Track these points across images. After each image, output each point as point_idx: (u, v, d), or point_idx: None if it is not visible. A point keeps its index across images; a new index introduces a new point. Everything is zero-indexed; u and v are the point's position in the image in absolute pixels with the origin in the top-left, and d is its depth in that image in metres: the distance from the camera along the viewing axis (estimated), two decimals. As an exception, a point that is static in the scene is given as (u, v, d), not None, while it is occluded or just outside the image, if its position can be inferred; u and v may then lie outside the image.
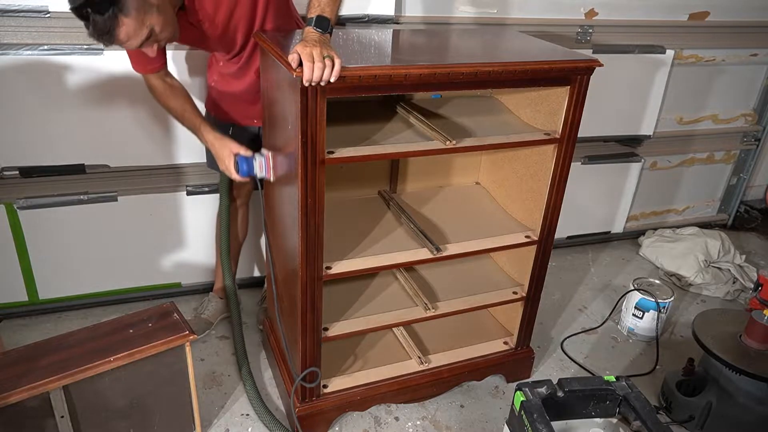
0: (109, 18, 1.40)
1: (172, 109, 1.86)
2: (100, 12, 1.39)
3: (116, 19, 1.42)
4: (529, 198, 1.93)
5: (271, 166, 1.76)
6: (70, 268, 2.25)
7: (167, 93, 1.83)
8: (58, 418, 1.52)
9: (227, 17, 1.69)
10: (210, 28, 1.70)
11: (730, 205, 3.37)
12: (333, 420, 1.90)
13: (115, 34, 1.44)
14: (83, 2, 1.37)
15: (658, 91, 2.78)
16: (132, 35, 1.47)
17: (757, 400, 1.84)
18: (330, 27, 1.44)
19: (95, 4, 1.38)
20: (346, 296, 1.90)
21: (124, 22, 1.44)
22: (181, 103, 1.83)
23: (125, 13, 1.42)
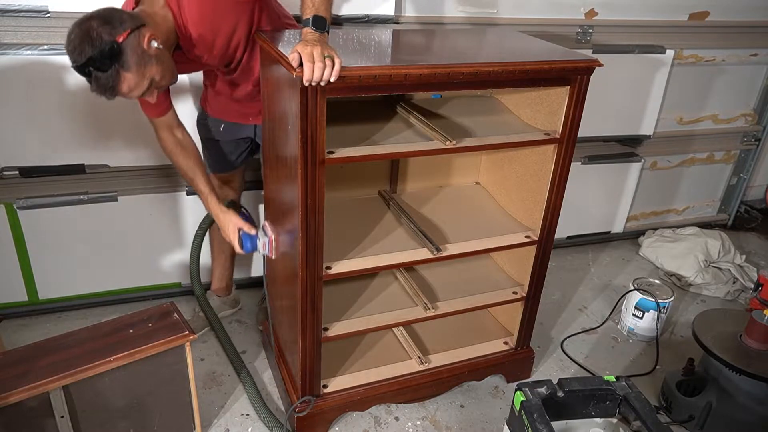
0: (111, 75, 1.46)
1: (181, 169, 1.88)
2: (103, 69, 1.45)
3: (118, 75, 1.47)
4: (529, 198, 1.93)
5: (273, 246, 1.82)
6: (70, 268, 2.25)
7: (177, 151, 1.84)
8: (58, 418, 1.52)
9: (226, 42, 1.70)
10: (209, 58, 1.73)
11: (730, 205, 3.37)
12: (333, 420, 1.90)
13: (117, 88, 1.50)
14: (85, 61, 1.43)
15: (658, 91, 2.78)
16: (133, 88, 1.52)
17: (757, 400, 1.84)
18: (327, 26, 1.45)
19: (97, 63, 1.43)
20: (346, 296, 1.90)
21: (126, 77, 1.49)
22: (191, 165, 1.86)
23: (126, 69, 1.47)
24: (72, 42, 1.44)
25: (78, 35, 1.43)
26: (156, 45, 1.51)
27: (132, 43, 1.47)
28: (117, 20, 1.45)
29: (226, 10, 1.62)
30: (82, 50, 1.42)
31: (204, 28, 1.63)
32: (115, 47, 1.43)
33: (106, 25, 1.43)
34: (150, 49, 1.51)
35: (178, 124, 1.84)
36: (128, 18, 1.48)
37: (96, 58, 1.42)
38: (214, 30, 1.65)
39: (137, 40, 1.48)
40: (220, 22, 1.64)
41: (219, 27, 1.64)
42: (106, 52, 1.43)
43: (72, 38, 1.44)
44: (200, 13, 1.60)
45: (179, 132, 1.84)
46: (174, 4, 1.57)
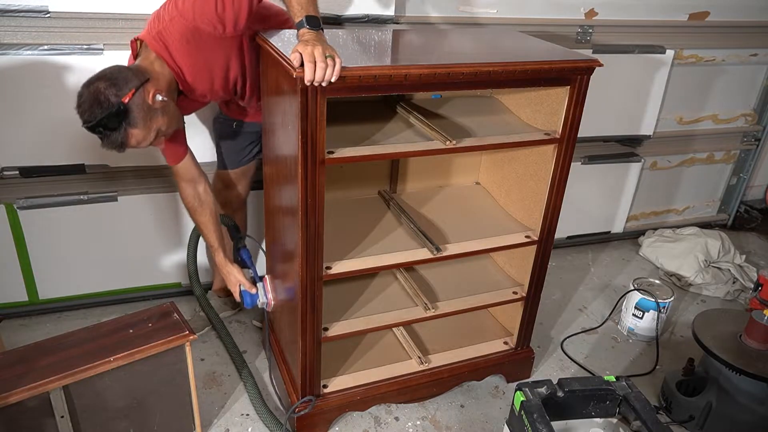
0: (119, 133, 1.54)
1: (196, 223, 1.97)
2: (112, 129, 1.53)
3: (126, 132, 1.56)
4: (529, 198, 1.93)
5: (272, 305, 1.95)
6: (70, 268, 2.25)
7: (196, 205, 1.92)
8: (58, 418, 1.52)
9: (224, 78, 1.74)
10: (213, 95, 1.79)
11: (730, 205, 3.37)
12: (333, 420, 1.90)
13: (126, 144, 1.58)
14: (95, 123, 1.51)
15: (658, 91, 2.78)
16: (141, 140, 1.61)
17: (757, 400, 1.84)
18: (320, 24, 1.46)
19: (106, 124, 1.52)
20: (346, 296, 1.90)
21: (133, 133, 1.57)
22: (206, 222, 1.94)
23: (133, 126, 1.56)
24: (82, 105, 1.52)
25: (87, 98, 1.51)
26: (160, 98, 1.58)
27: (137, 102, 1.54)
28: (122, 81, 1.53)
29: (212, 49, 1.65)
30: (92, 113, 1.50)
31: (198, 71, 1.68)
32: (122, 108, 1.51)
33: (112, 87, 1.51)
34: (155, 104, 1.58)
35: (200, 176, 1.91)
36: (132, 76, 1.55)
37: (105, 119, 1.50)
38: (209, 70, 1.69)
39: (142, 97, 1.55)
40: (212, 62, 1.68)
41: (212, 66, 1.69)
42: (113, 113, 1.50)
43: (82, 101, 1.52)
44: (190, 57, 1.64)
45: (201, 186, 1.91)
46: (166, 55, 1.62)
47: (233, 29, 1.60)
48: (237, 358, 2.12)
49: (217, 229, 1.95)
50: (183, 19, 1.58)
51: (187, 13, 1.57)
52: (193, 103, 1.85)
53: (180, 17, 1.58)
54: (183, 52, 1.62)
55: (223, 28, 1.59)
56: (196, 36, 1.60)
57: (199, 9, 1.56)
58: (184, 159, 1.86)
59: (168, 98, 1.63)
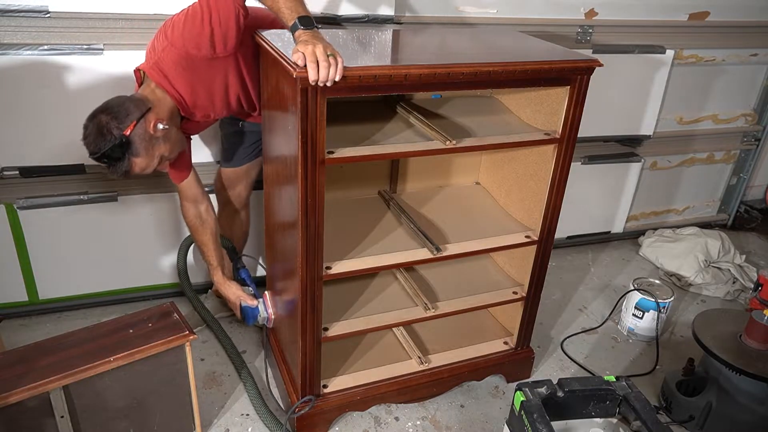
0: (123, 162, 1.63)
1: (197, 242, 2.03)
2: (117, 159, 1.62)
3: (130, 161, 1.64)
4: (529, 198, 1.93)
5: (272, 320, 1.98)
6: (70, 268, 2.25)
7: (197, 224, 1.98)
8: (58, 418, 1.52)
9: (224, 97, 1.77)
10: (216, 114, 1.84)
11: (730, 205, 3.37)
12: (333, 420, 1.90)
13: (130, 172, 1.66)
14: (100, 156, 1.60)
15: (658, 91, 2.78)
16: (145, 167, 1.68)
17: (757, 400, 1.84)
18: (314, 22, 1.47)
19: (110, 155, 1.60)
20: (346, 296, 1.90)
21: (136, 162, 1.65)
22: (206, 241, 2.00)
23: (136, 155, 1.64)
24: (88, 136, 1.60)
25: (92, 131, 1.59)
26: (162, 126, 1.64)
27: (139, 133, 1.61)
28: (123, 113, 1.59)
29: (208, 71, 1.68)
30: (97, 145, 1.59)
31: (198, 94, 1.72)
32: (124, 140, 1.59)
33: (114, 120, 1.58)
34: (156, 132, 1.64)
35: (203, 197, 1.96)
36: (133, 108, 1.61)
37: (109, 150, 1.59)
38: (208, 91, 1.73)
39: (143, 128, 1.62)
40: (210, 83, 1.71)
41: (210, 88, 1.73)
42: (116, 145, 1.59)
43: (88, 132, 1.61)
44: (188, 83, 1.69)
45: (203, 207, 1.97)
46: (165, 83, 1.67)
47: (224, 49, 1.63)
48: (235, 357, 2.12)
49: (216, 248, 2.01)
50: (174, 48, 1.63)
51: (177, 41, 1.62)
52: (198, 125, 1.89)
53: (171, 46, 1.63)
54: (180, 79, 1.67)
55: (213, 50, 1.62)
56: (189, 61, 1.64)
57: (188, 35, 1.60)
58: (188, 179, 1.91)
59: (170, 125, 1.68)
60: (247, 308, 1.96)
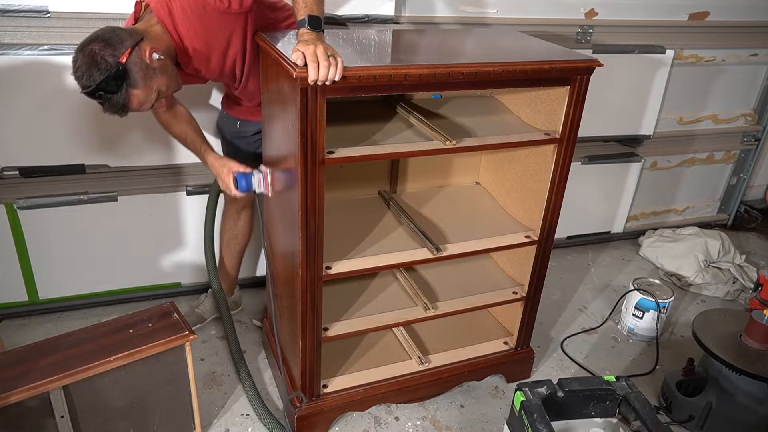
0: (121, 95, 1.51)
1: (175, 135, 1.92)
2: (112, 91, 1.50)
3: (127, 93, 1.52)
4: (529, 198, 1.93)
5: (269, 182, 1.80)
6: (70, 268, 2.25)
7: (170, 120, 1.89)
8: (58, 418, 1.52)
9: (221, 57, 1.72)
10: (207, 72, 1.76)
11: (730, 205, 3.37)
12: (333, 420, 1.90)
13: (128, 106, 1.55)
14: (95, 87, 1.47)
15: (658, 91, 2.78)
16: (143, 101, 1.58)
17: (757, 400, 1.84)
18: (322, 25, 1.46)
19: (107, 86, 1.48)
20: (346, 296, 1.90)
21: (135, 94, 1.54)
22: (184, 128, 1.89)
23: (134, 86, 1.52)
24: (79, 69, 1.48)
25: (83, 61, 1.47)
26: (157, 57, 1.55)
27: (135, 60, 1.51)
28: (117, 40, 1.49)
29: (216, 23, 1.64)
30: (90, 76, 1.47)
31: (198, 43, 1.66)
32: (120, 68, 1.48)
33: (108, 48, 1.47)
34: (153, 62, 1.55)
35: (174, 102, 1.87)
36: (126, 35, 1.52)
37: (105, 81, 1.47)
38: (209, 44, 1.67)
39: (139, 56, 1.52)
40: (213, 37, 1.66)
41: (212, 41, 1.67)
42: (112, 74, 1.47)
43: (78, 65, 1.48)
44: (193, 29, 1.63)
45: (175, 106, 1.88)
46: (168, 22, 1.60)
47: (239, 5, 1.59)
48: (238, 358, 2.11)
49: (197, 132, 1.90)
50: None
51: None
52: (186, 77, 1.79)
53: None
54: (186, 23, 1.60)
55: (228, 3, 1.58)
56: (200, 7, 1.58)
57: None
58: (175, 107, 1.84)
59: (166, 57, 1.59)
60: (241, 175, 1.80)
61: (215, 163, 1.87)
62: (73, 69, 1.49)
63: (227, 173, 1.82)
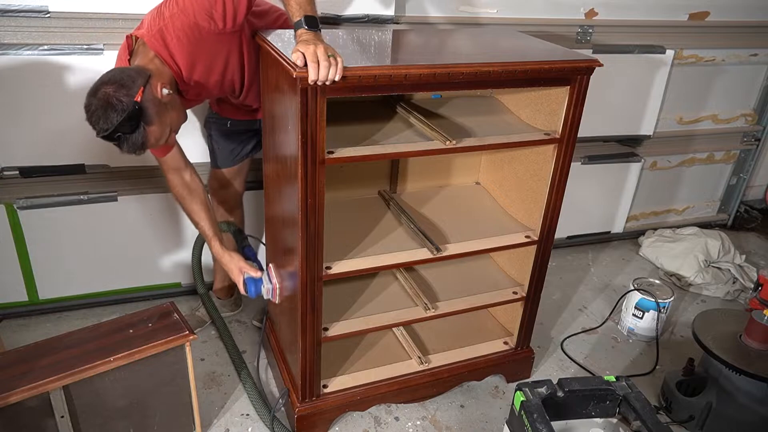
0: (138, 134, 1.51)
1: (188, 213, 1.91)
2: (130, 132, 1.50)
3: (144, 132, 1.52)
4: (529, 198, 1.93)
5: (278, 293, 1.84)
6: (70, 268, 2.25)
7: (185, 194, 1.86)
8: (58, 418, 1.52)
9: (220, 77, 1.72)
10: (207, 94, 1.78)
11: (730, 205, 3.37)
12: (333, 420, 1.90)
13: (146, 143, 1.55)
14: (114, 129, 1.47)
15: (658, 91, 2.78)
16: (159, 137, 1.59)
17: (757, 400, 1.84)
18: (318, 24, 1.46)
19: (125, 127, 1.48)
20: (346, 296, 1.90)
21: (151, 131, 1.54)
22: (197, 210, 1.88)
23: (150, 123, 1.53)
24: (94, 113, 1.47)
25: (98, 105, 1.46)
26: (167, 92, 1.56)
27: (149, 98, 1.51)
28: (128, 80, 1.49)
29: (212, 45, 1.64)
30: (108, 119, 1.46)
31: (197, 68, 1.66)
32: (136, 108, 1.47)
33: (121, 89, 1.46)
34: (164, 98, 1.55)
35: (186, 165, 1.86)
36: (136, 75, 1.51)
37: (123, 123, 1.46)
38: (207, 67, 1.68)
39: (151, 93, 1.52)
40: (210, 59, 1.66)
41: (211, 64, 1.67)
42: (129, 114, 1.46)
43: (93, 110, 1.47)
44: (189, 56, 1.62)
45: (187, 174, 1.87)
46: (165, 54, 1.60)
47: (232, 24, 1.59)
48: (236, 358, 2.12)
49: (209, 217, 1.89)
50: (184, 16, 1.56)
51: (188, 9, 1.55)
52: (187, 103, 1.81)
53: (181, 14, 1.56)
54: (183, 51, 1.61)
55: (223, 24, 1.58)
56: (195, 33, 1.58)
57: (199, 5, 1.55)
58: (173, 150, 1.82)
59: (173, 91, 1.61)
60: (251, 279, 1.84)
61: (224, 256, 1.88)
62: (87, 115, 1.48)
63: (238, 273, 1.85)
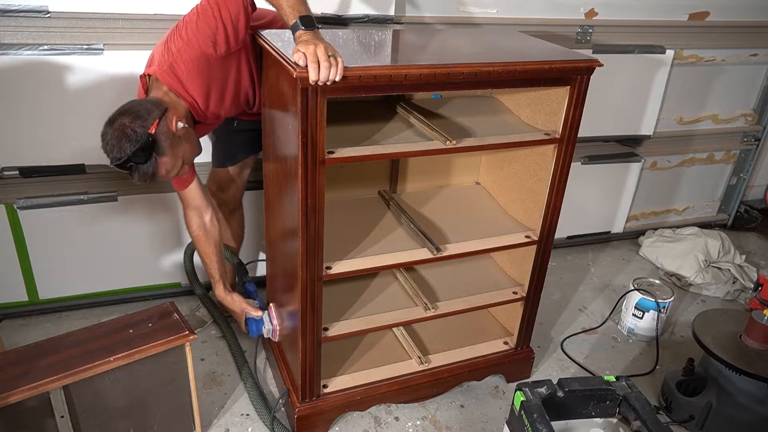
0: (150, 164, 1.56)
1: (200, 253, 1.96)
2: (142, 162, 1.54)
3: (156, 162, 1.57)
4: (529, 198, 1.93)
5: (278, 333, 1.92)
6: (70, 268, 2.25)
7: (200, 235, 1.91)
8: (58, 418, 1.52)
9: (235, 94, 1.75)
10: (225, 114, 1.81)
11: (730, 205, 3.37)
12: (333, 420, 1.90)
13: (157, 174, 1.59)
14: (126, 159, 1.52)
15: (658, 91, 2.78)
16: (171, 169, 1.62)
17: (757, 400, 1.84)
18: (315, 23, 1.46)
19: (137, 157, 1.52)
20: (346, 296, 1.90)
21: (163, 162, 1.58)
22: (210, 252, 1.93)
23: (162, 154, 1.57)
24: (109, 143, 1.52)
25: (113, 135, 1.51)
26: (182, 125, 1.60)
27: (162, 130, 1.55)
28: (145, 112, 1.53)
29: (222, 69, 1.66)
30: (121, 148, 1.51)
31: (211, 95, 1.69)
32: (150, 139, 1.52)
33: (137, 120, 1.51)
34: (178, 131, 1.59)
35: (207, 206, 1.90)
36: (153, 107, 1.56)
37: (136, 153, 1.51)
38: (221, 91, 1.70)
39: (166, 126, 1.57)
40: (223, 82, 1.69)
41: (223, 86, 1.70)
42: (143, 145, 1.51)
43: (108, 139, 1.52)
44: (203, 85, 1.65)
45: (207, 217, 1.90)
46: (178, 87, 1.63)
47: (236, 43, 1.62)
48: (238, 355, 2.11)
49: (220, 260, 1.95)
50: (190, 48, 1.59)
51: (193, 40, 1.59)
52: (206, 127, 1.86)
53: (187, 46, 1.59)
54: (196, 81, 1.64)
55: (227, 47, 1.60)
56: (204, 62, 1.62)
57: (202, 33, 1.58)
58: (191, 184, 1.85)
59: (188, 124, 1.65)
60: (252, 320, 1.93)
61: (226, 297, 1.96)
62: (102, 143, 1.53)
63: (240, 314, 1.95)
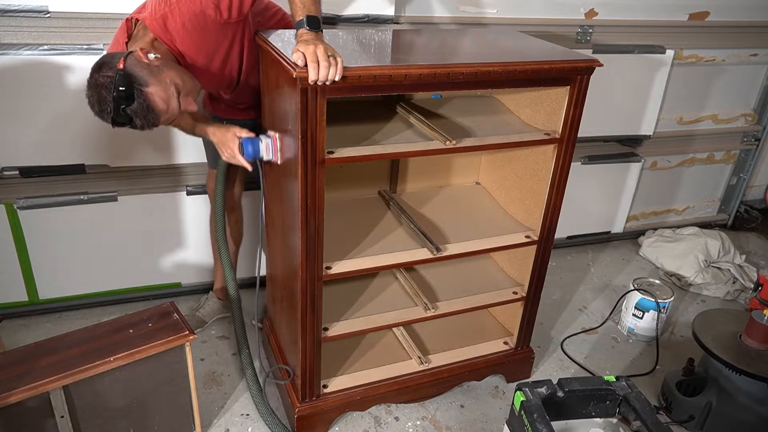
0: (140, 100, 1.48)
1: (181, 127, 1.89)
2: (131, 100, 1.47)
3: (145, 95, 1.48)
4: (529, 198, 1.93)
5: (278, 147, 1.67)
6: (70, 268, 2.25)
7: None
8: (58, 418, 1.52)
9: (221, 66, 1.72)
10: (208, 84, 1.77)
11: (730, 205, 3.37)
12: (333, 420, 1.90)
13: (155, 108, 1.50)
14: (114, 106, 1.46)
15: (658, 91, 2.78)
16: (166, 98, 1.52)
17: (757, 400, 1.84)
18: (320, 25, 1.46)
19: (123, 99, 1.46)
20: (346, 296, 1.90)
21: (152, 92, 1.49)
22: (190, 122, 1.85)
23: (145, 84, 1.48)
24: (92, 100, 1.50)
25: (92, 92, 1.49)
26: (153, 56, 1.52)
27: (132, 63, 1.48)
28: (109, 58, 1.51)
29: (215, 35, 1.64)
30: (103, 99, 1.47)
31: (199, 57, 1.65)
32: (121, 74, 1.45)
33: (103, 67, 1.48)
34: (152, 62, 1.52)
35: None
36: (118, 54, 1.52)
37: (119, 95, 1.45)
38: (208, 57, 1.67)
39: (135, 59, 1.49)
40: (212, 49, 1.66)
41: (213, 53, 1.67)
42: (118, 83, 1.44)
43: (91, 100, 1.50)
44: (192, 44, 1.62)
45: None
46: (166, 38, 1.59)
47: (237, 14, 1.59)
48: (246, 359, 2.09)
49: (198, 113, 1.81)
50: (191, 3, 1.55)
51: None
52: None
53: (188, 1, 1.55)
54: (185, 38, 1.60)
55: (228, 14, 1.57)
56: (201, 21, 1.58)
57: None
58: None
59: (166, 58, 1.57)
60: (247, 139, 1.69)
61: (217, 131, 1.78)
62: (89, 105, 1.50)
63: (232, 138, 1.73)
